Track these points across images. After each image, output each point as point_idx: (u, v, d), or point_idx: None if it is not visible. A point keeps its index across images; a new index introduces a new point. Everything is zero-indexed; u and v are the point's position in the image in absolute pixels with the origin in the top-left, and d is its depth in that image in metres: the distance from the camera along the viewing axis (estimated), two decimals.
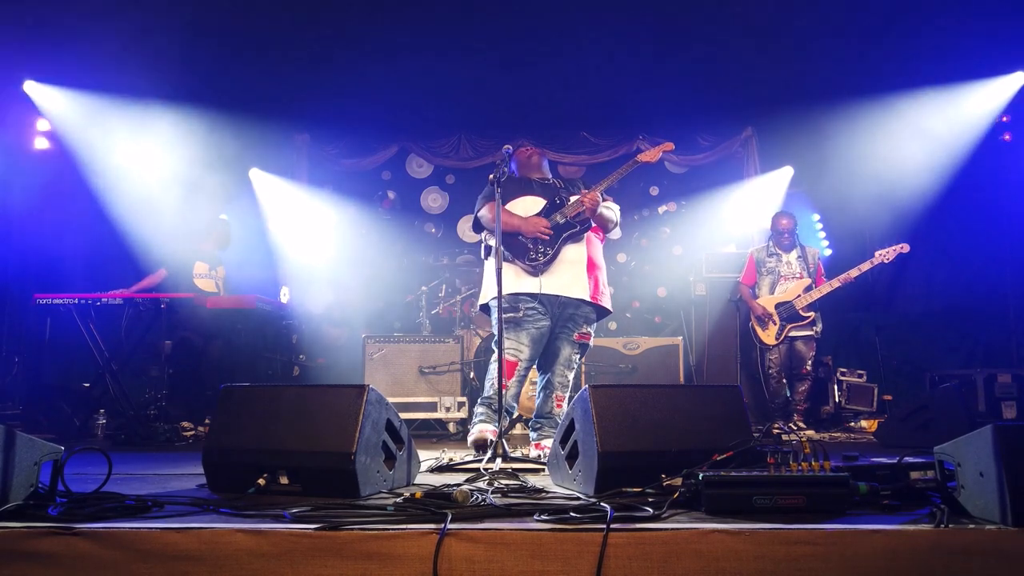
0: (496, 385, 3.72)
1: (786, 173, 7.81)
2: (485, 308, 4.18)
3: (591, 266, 4.10)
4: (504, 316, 3.96)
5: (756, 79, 7.11)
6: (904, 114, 7.04)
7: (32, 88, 6.82)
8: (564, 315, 4.04)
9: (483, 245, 4.19)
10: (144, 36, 6.22)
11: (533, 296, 3.96)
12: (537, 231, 3.98)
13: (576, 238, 4.04)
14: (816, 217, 7.54)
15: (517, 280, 3.97)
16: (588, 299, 4.02)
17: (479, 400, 4.01)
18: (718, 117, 7.78)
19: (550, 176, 4.34)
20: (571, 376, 4.09)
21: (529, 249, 3.99)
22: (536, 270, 3.96)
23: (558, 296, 3.98)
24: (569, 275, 4.01)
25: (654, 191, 8.40)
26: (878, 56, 6.69)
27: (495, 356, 3.77)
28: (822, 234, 7.47)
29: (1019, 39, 6.41)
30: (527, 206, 4.11)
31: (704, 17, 6.46)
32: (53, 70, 6.72)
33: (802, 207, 7.64)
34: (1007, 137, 7.02)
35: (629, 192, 8.14)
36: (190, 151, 6.96)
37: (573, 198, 4.10)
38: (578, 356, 4.11)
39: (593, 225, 4.11)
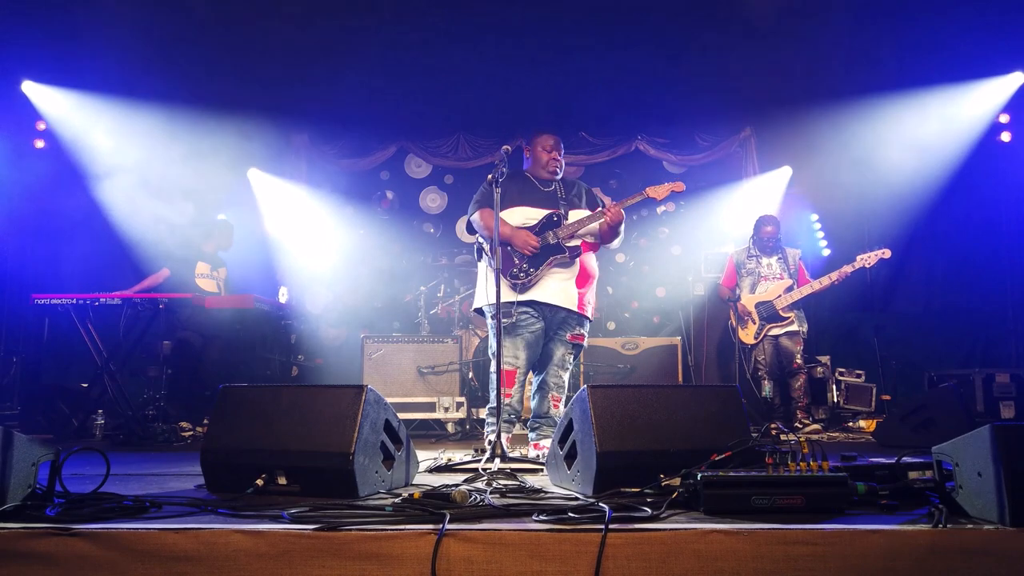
0: (504, 396, 3.77)
1: (785, 173, 7.81)
2: (479, 310, 4.18)
3: (582, 277, 4.04)
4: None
5: (755, 79, 7.11)
6: (903, 114, 7.04)
7: (30, 88, 6.81)
8: (557, 319, 4.02)
9: (476, 247, 4.17)
10: (143, 37, 6.22)
11: (523, 303, 3.93)
12: (525, 248, 3.90)
13: (563, 264, 3.97)
14: (814, 217, 7.54)
15: (507, 291, 3.93)
16: (574, 310, 3.98)
17: (488, 410, 4.03)
18: (717, 117, 7.78)
19: (558, 176, 4.17)
20: (566, 376, 4.08)
21: (514, 264, 3.92)
22: (517, 288, 3.90)
23: (547, 303, 3.96)
24: (556, 287, 3.96)
25: None
26: (877, 56, 6.70)
27: (493, 366, 3.81)
28: (820, 234, 7.47)
29: (1017, 40, 6.42)
30: (523, 217, 4.01)
31: (703, 17, 6.46)
32: (52, 70, 6.71)
33: (800, 207, 7.64)
34: (1006, 137, 7.02)
35: (628, 192, 8.11)
36: (188, 151, 6.96)
37: (572, 214, 4.03)
38: (572, 356, 4.10)
39: (583, 251, 4.02)
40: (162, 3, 6.10)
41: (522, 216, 4.02)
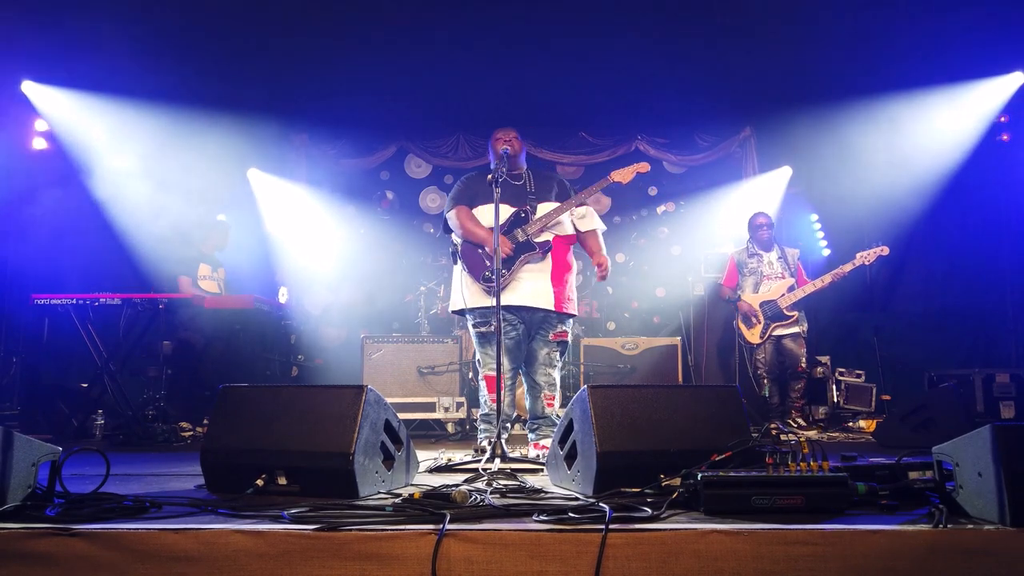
0: (490, 401, 3.85)
1: (784, 173, 7.81)
2: (459, 312, 4.17)
3: (557, 271, 4.00)
4: (477, 329, 4.00)
5: (755, 79, 7.11)
6: (902, 114, 7.04)
7: (30, 88, 6.80)
8: (535, 320, 4.01)
9: (451, 249, 4.14)
10: (142, 36, 6.21)
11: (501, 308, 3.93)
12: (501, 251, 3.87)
13: (534, 261, 3.96)
14: (814, 217, 7.54)
15: (482, 295, 3.93)
16: (552, 309, 3.96)
17: (480, 417, 4.06)
18: (717, 117, 7.79)
19: (524, 168, 4.15)
20: (555, 374, 4.07)
21: (486, 267, 3.90)
22: (491, 291, 3.85)
23: (523, 306, 3.95)
24: (530, 287, 3.94)
25: (652, 191, 8.41)
26: (876, 56, 6.68)
27: (482, 374, 3.84)
28: (820, 234, 7.47)
29: (1017, 40, 6.42)
30: (492, 214, 3.97)
31: (703, 17, 6.46)
32: (51, 70, 6.71)
33: (800, 207, 7.65)
34: (1005, 137, 7.02)
35: (627, 192, 8.14)
36: (188, 151, 6.96)
37: (541, 207, 4.01)
38: (558, 354, 4.09)
39: (553, 247, 3.99)
40: (162, 3, 6.09)
41: (492, 213, 3.97)
